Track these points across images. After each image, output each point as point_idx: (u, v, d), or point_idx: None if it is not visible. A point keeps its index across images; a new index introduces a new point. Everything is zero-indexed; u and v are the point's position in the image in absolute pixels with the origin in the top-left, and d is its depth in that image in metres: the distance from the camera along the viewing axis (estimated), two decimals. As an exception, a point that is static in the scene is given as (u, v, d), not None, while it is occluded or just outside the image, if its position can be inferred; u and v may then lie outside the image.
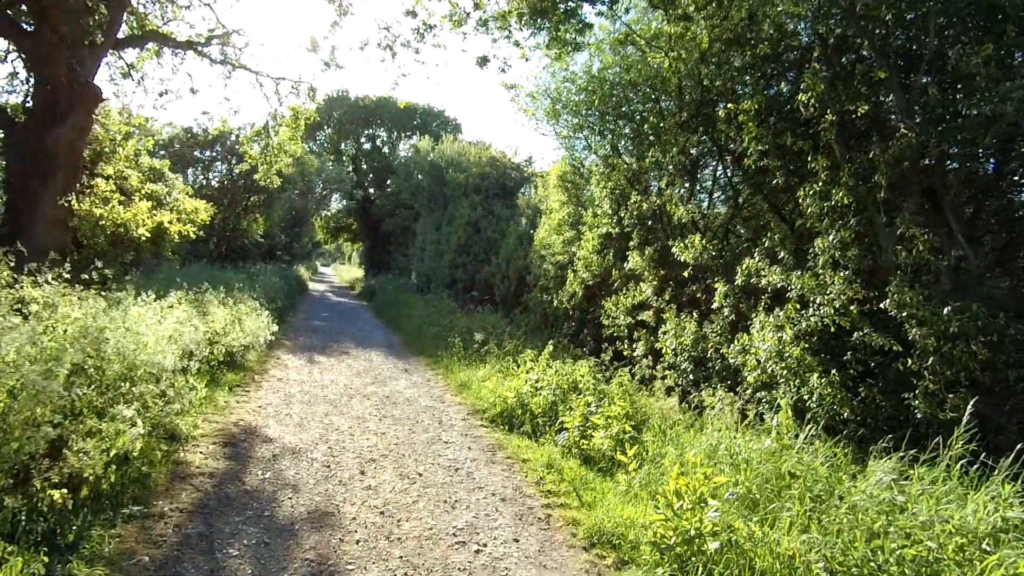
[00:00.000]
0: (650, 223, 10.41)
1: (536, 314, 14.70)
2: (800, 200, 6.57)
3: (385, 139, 44.43)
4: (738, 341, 7.24)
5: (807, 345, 6.29)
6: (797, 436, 5.42)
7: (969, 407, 4.55)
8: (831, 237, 6.23)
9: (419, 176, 29.39)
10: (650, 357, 9.39)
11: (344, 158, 43.51)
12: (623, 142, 11.63)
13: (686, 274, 8.84)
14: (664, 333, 8.75)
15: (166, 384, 5.56)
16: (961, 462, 4.34)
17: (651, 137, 10.64)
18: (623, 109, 11.61)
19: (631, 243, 10.76)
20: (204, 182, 26.71)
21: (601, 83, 11.58)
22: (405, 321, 18.17)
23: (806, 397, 6.08)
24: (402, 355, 12.96)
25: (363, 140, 44.43)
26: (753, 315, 7.26)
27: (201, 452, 5.36)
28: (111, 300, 6.62)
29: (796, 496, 4.51)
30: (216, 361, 8.29)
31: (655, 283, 9.84)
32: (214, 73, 33.93)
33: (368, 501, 4.86)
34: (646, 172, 11.52)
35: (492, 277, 19.46)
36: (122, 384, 5.11)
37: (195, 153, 27.23)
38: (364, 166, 43.92)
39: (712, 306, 8.18)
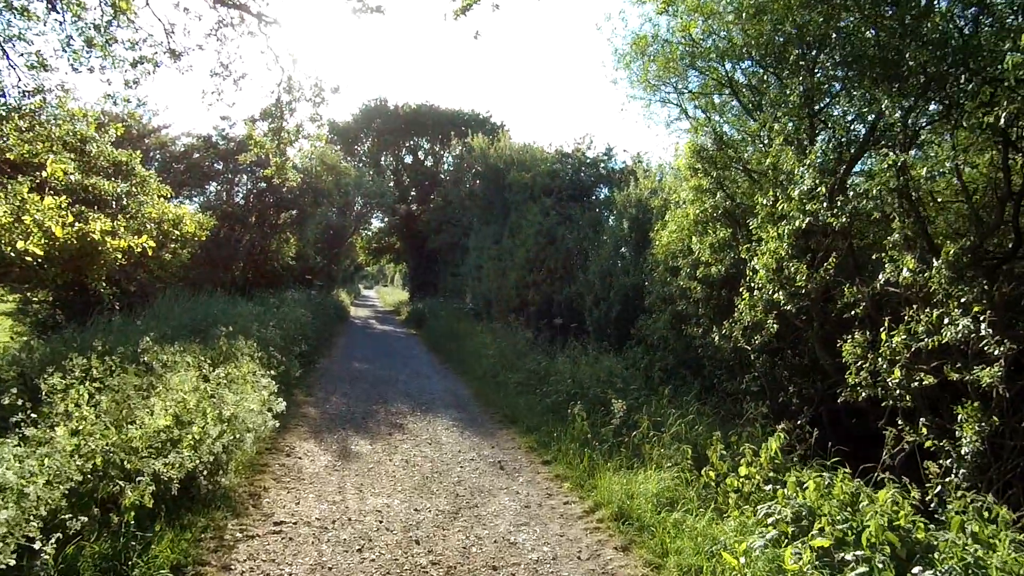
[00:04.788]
0: (940, 201, 5.72)
1: (669, 352, 10.05)
2: None
3: (427, 149, 40.74)
4: None
5: None
6: None
7: None
8: None
9: (474, 181, 25.12)
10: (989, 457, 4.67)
11: (386, 173, 39.82)
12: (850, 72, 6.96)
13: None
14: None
15: None
16: None
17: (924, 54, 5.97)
18: (840, 25, 6.98)
19: (890, 239, 6.07)
20: (225, 197, 22.96)
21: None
22: (471, 360, 13.71)
23: None
24: (483, 425, 8.48)
25: (403, 152, 40.74)
26: None
27: None
28: None
29: None
30: (133, 506, 3.94)
31: (983, 308, 5.12)
32: (202, 30, 30.39)
33: None
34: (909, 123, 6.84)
35: (580, 299, 14.89)
36: None
37: (216, 166, 23.61)
38: (406, 180, 40.11)
39: None
